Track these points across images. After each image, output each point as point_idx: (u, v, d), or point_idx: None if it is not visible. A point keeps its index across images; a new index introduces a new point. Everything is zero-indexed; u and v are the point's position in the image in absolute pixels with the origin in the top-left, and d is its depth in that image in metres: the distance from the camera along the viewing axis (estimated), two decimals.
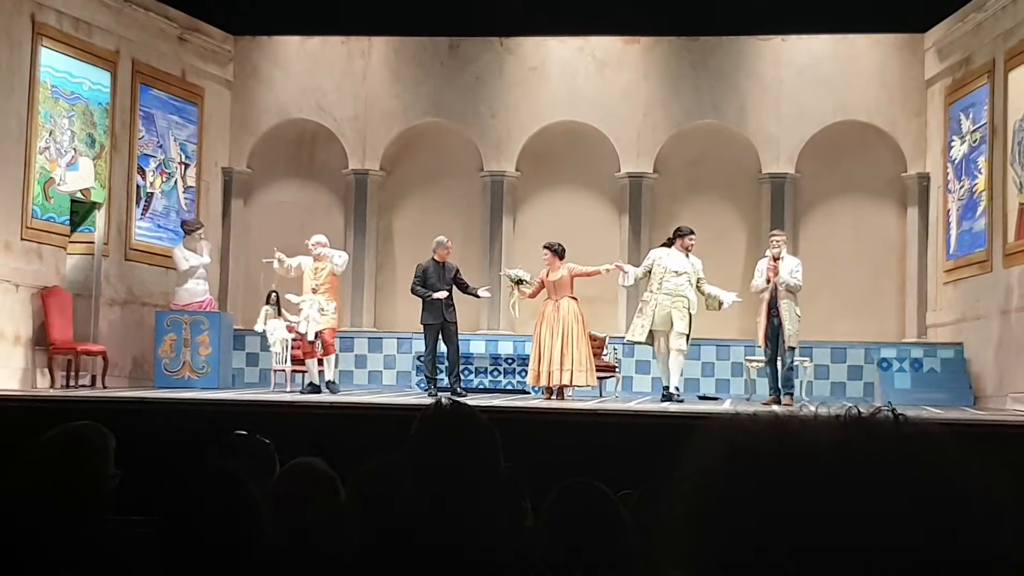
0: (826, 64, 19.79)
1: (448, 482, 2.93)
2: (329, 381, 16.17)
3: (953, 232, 18.39)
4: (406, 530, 2.92)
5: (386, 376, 19.39)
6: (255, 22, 20.37)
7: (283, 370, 17.00)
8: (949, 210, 18.55)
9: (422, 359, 16.69)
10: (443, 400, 3.22)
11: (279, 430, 5.86)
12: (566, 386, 15.28)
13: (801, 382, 17.66)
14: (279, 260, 16.32)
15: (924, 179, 19.49)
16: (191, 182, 19.79)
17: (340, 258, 16.37)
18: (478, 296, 16.50)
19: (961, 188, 18.12)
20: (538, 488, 4.34)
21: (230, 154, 20.78)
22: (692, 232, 15.46)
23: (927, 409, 15.25)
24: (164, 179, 19.11)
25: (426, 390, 16.10)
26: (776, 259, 15.05)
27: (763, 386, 16.05)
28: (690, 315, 15.11)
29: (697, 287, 15.30)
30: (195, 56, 19.84)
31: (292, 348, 16.82)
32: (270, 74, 20.77)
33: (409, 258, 19.75)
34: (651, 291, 15.27)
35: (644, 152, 20.11)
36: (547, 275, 15.57)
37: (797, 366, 17.24)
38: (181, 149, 19.53)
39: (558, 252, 15.58)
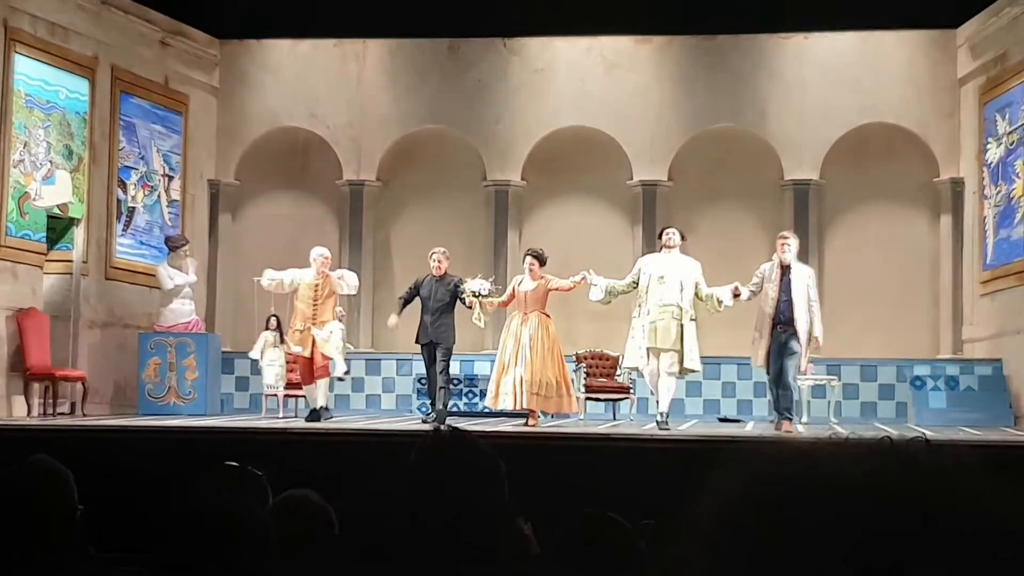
0: (852, 63, 19.80)
1: (448, 515, 2.92)
2: (322, 407, 15.76)
3: (990, 240, 18.39)
4: (403, 565, 2.91)
5: (385, 400, 19.40)
6: (242, 25, 20.40)
7: (275, 395, 17.00)
8: (985, 217, 18.55)
9: (422, 381, 16.69)
10: (442, 428, 3.21)
11: (271, 459, 5.85)
12: (533, 412, 14.60)
13: (829, 403, 17.66)
14: (270, 278, 15.91)
15: (958, 184, 19.49)
16: (175, 196, 19.82)
17: (352, 278, 16.03)
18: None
19: (997, 193, 18.12)
20: (547, 518, 4.33)
21: (217, 165, 20.82)
22: (667, 228, 14.94)
23: (964, 430, 15.23)
24: (147, 193, 19.14)
25: (425, 415, 16.01)
26: (784, 267, 14.25)
27: None
28: (681, 326, 14.12)
29: (696, 294, 14.35)
30: (179, 61, 19.89)
31: (288, 370, 16.83)
32: (259, 80, 20.81)
33: (409, 274, 19.72)
34: (637, 304, 14.45)
35: (658, 158, 20.13)
36: (519, 284, 14.99)
37: (825, 386, 17.22)
38: (165, 161, 19.57)
39: (543, 260, 15.09)
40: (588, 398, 17.49)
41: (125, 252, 18.59)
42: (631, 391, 17.21)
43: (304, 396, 16.23)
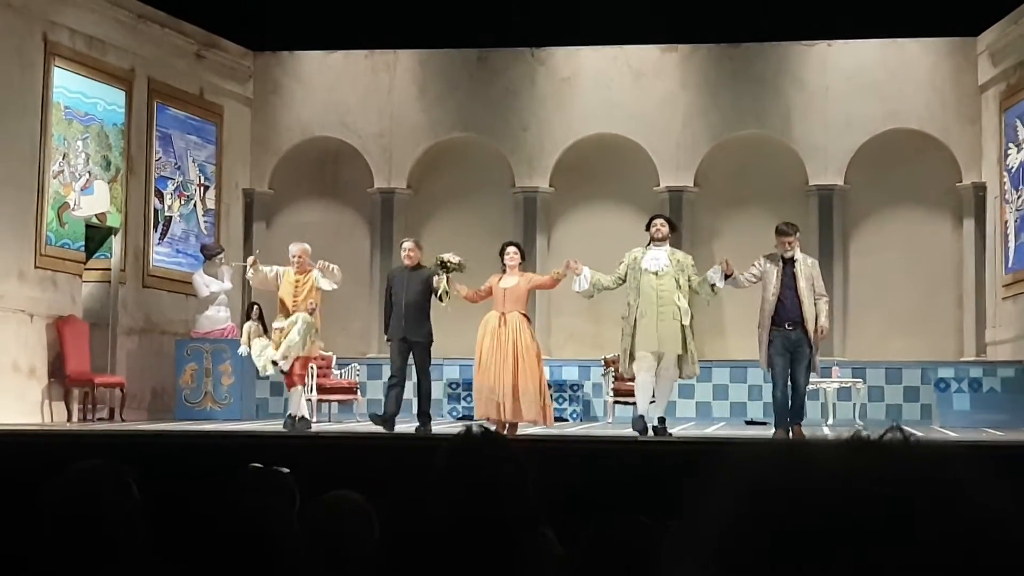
0: (875, 70, 19.78)
1: (476, 517, 2.98)
2: (301, 417, 14.63)
3: (1011, 244, 18.35)
4: (433, 565, 2.97)
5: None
6: (275, 37, 20.51)
7: (309, 399, 16.99)
8: (1006, 221, 18.52)
9: (452, 386, 16.45)
10: (472, 429, 3.25)
11: (304, 463, 5.92)
12: (518, 423, 13.09)
13: (854, 405, 17.64)
14: (253, 267, 14.77)
15: (980, 189, 19.45)
16: (211, 205, 19.92)
17: (336, 270, 14.63)
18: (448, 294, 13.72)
19: (1019, 198, 18.09)
20: (572, 522, 4.38)
21: (251, 175, 20.91)
22: (656, 217, 13.46)
23: (987, 431, 15.21)
24: (183, 202, 19.25)
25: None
26: (789, 261, 12.91)
27: (814, 409, 15.86)
28: (683, 327, 12.57)
29: (689, 286, 12.78)
30: (213, 73, 19.99)
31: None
32: (291, 91, 20.90)
33: None
34: (628, 302, 12.87)
35: (684, 165, 20.13)
36: (498, 280, 13.49)
37: (850, 388, 17.17)
38: (200, 170, 19.68)
39: (524, 254, 14.00)
40: (616, 402, 17.53)
41: (162, 260, 18.70)
42: None
43: (333, 402, 15.96)
